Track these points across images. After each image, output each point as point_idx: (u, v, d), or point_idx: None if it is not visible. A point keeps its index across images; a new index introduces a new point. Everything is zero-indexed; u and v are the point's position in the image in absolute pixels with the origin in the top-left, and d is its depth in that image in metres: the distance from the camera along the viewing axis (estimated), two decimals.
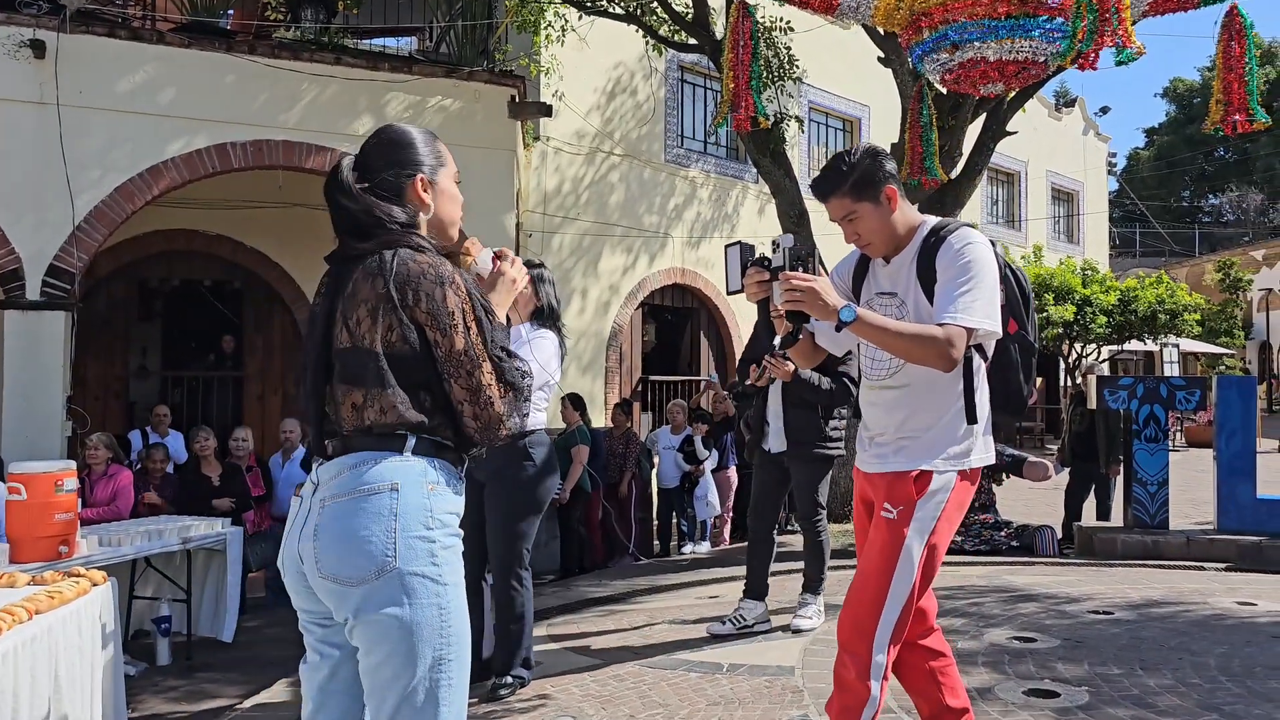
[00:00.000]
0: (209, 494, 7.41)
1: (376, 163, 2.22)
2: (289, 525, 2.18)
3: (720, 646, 4.92)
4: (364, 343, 2.08)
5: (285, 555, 2.16)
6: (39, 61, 8.04)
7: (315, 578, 2.07)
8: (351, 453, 2.10)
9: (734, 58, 6.66)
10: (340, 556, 2.03)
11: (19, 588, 4.06)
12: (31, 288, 7.99)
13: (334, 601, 2.06)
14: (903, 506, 2.68)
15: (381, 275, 2.09)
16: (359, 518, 2.04)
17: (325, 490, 2.10)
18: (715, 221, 13.81)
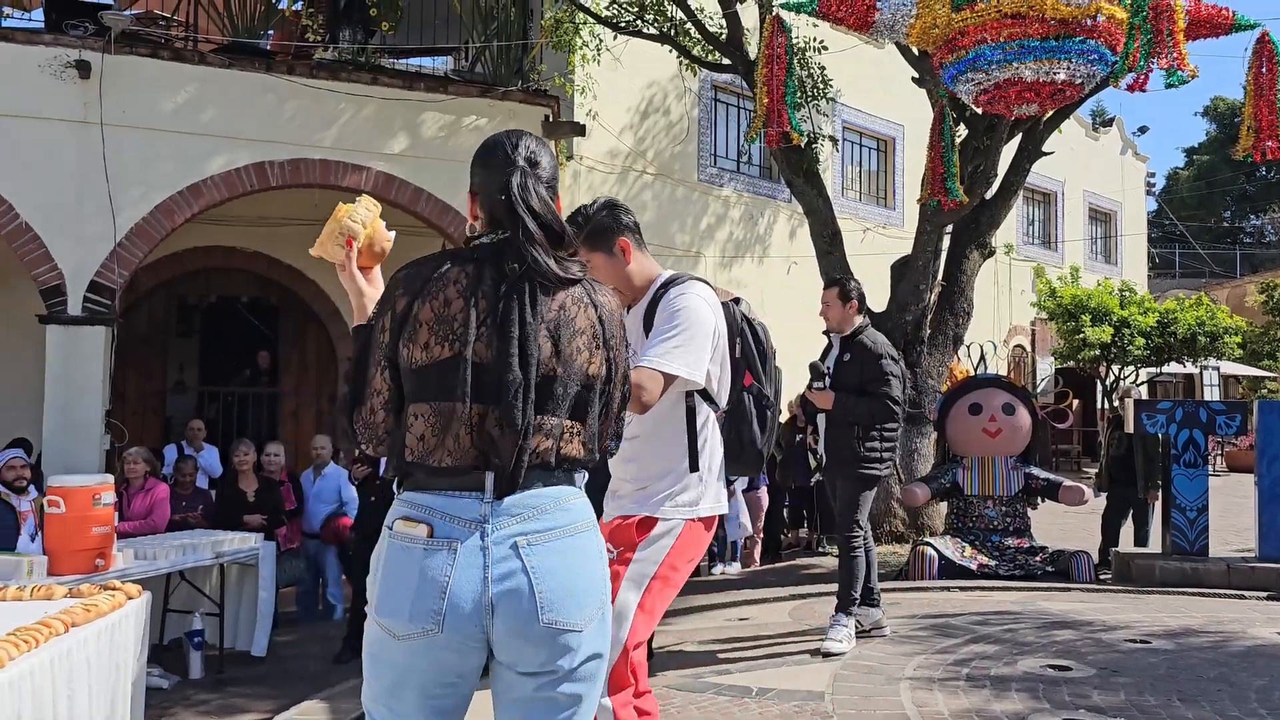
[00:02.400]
0: (244, 508, 7.48)
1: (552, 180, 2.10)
2: (443, 579, 1.86)
3: (750, 670, 4.88)
4: (579, 371, 1.98)
5: (450, 611, 1.86)
6: (84, 82, 8.20)
7: (529, 625, 1.88)
8: (549, 486, 1.96)
9: (768, 72, 6.66)
10: (571, 599, 1.91)
11: (56, 600, 4.11)
12: (73, 303, 8.12)
13: (544, 651, 1.91)
14: (623, 548, 2.67)
15: (593, 305, 2.02)
16: (577, 556, 1.94)
17: (526, 526, 1.91)
18: (747, 241, 13.81)
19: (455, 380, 1.88)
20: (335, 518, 7.92)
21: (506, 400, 1.88)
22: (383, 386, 1.98)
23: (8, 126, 8.05)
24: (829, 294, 5.45)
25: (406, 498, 1.95)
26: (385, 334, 1.97)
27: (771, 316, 14.06)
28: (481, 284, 1.93)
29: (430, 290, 1.93)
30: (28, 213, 8.06)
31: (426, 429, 1.91)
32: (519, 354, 1.89)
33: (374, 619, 1.93)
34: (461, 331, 1.90)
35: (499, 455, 1.89)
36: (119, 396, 9.56)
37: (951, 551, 7.76)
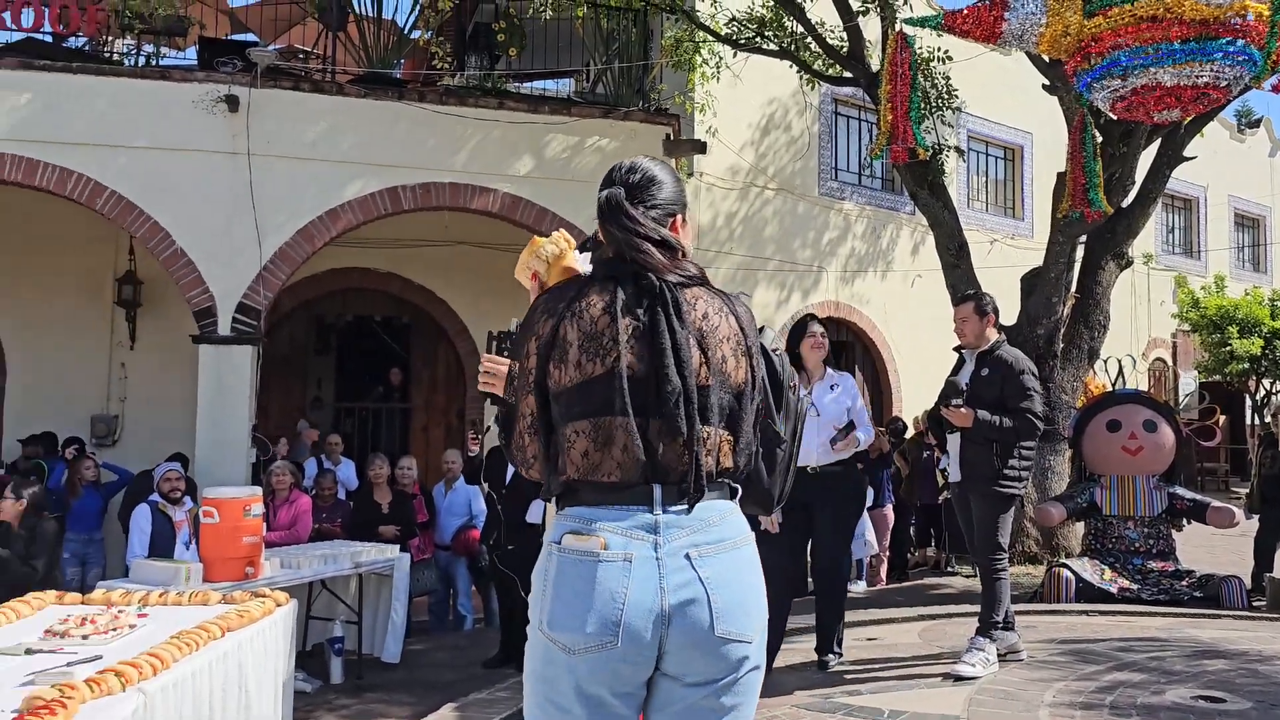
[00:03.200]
0: (378, 520, 7.76)
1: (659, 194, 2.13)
2: (620, 591, 1.86)
3: (880, 692, 4.80)
4: (729, 380, 1.99)
5: (627, 622, 1.86)
6: (233, 115, 8.69)
7: (705, 636, 1.89)
8: (709, 498, 1.96)
9: (892, 89, 6.60)
10: (742, 610, 1.92)
11: (211, 605, 4.35)
12: (223, 324, 8.60)
13: (716, 662, 1.91)
14: None
15: (733, 314, 2.03)
16: (745, 568, 1.95)
17: (696, 538, 1.92)
18: (870, 255, 13.61)
19: (611, 395, 1.90)
20: (465, 530, 8.14)
21: (667, 409, 1.89)
22: (527, 410, 2.01)
23: (165, 159, 8.60)
24: (964, 309, 5.31)
25: (572, 513, 1.95)
26: (531, 359, 2.00)
27: (895, 331, 13.78)
28: (623, 299, 1.95)
29: (574, 311, 1.97)
30: (183, 240, 8.58)
31: (589, 445, 1.93)
32: (674, 362, 1.90)
33: (544, 634, 1.92)
34: (611, 346, 1.91)
35: (665, 466, 1.91)
36: (263, 412, 10.04)
37: (1090, 574, 7.47)
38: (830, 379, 5.37)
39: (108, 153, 8.51)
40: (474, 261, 10.58)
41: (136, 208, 8.52)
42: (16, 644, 3.51)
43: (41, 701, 2.66)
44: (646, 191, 2.08)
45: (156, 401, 10.22)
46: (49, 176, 8.39)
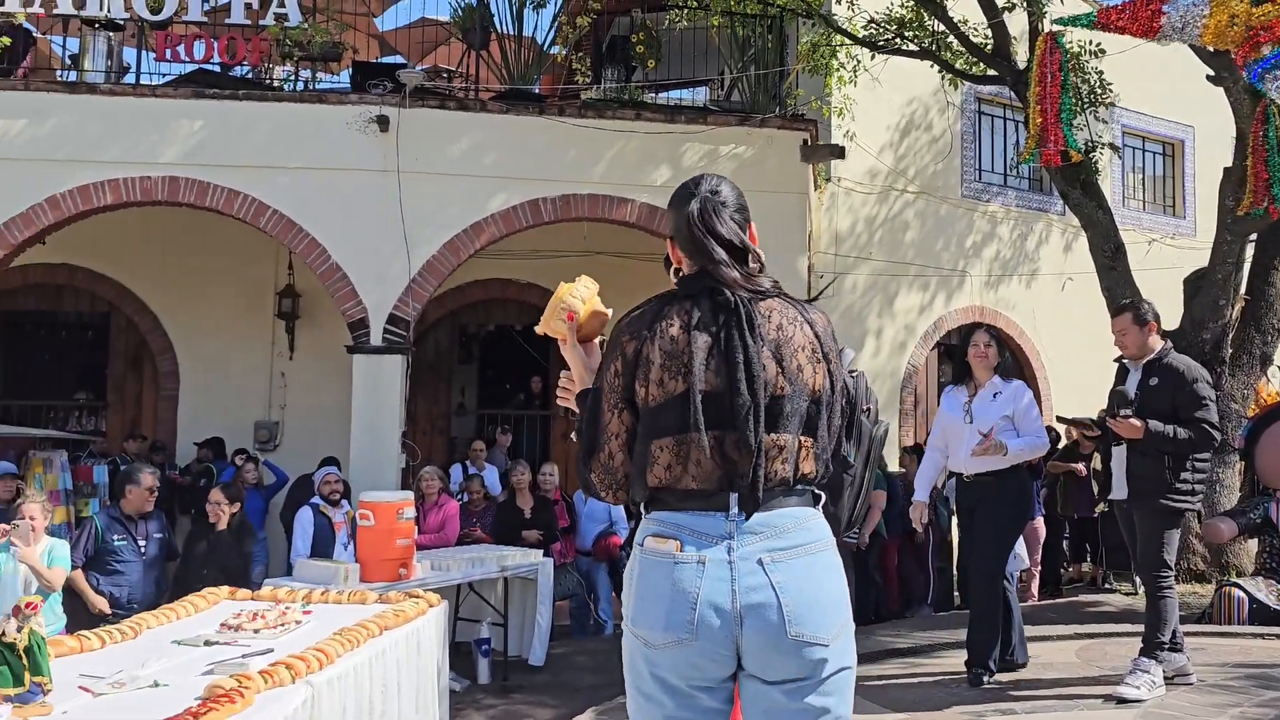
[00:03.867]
0: (521, 525, 7.93)
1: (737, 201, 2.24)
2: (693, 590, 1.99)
3: (1036, 711, 4.63)
4: (805, 388, 2.09)
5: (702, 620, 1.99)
6: (383, 134, 9.06)
7: (778, 638, 1.99)
8: (786, 505, 2.07)
9: (1041, 91, 6.40)
10: (816, 612, 2.01)
11: (368, 604, 4.54)
12: (375, 334, 8.98)
13: (793, 663, 2.00)
14: None
15: (808, 323, 2.14)
16: (820, 572, 2.05)
17: (769, 544, 2.02)
18: (1017, 258, 13.14)
19: (688, 412, 2.03)
20: (606, 536, 8.24)
21: (739, 423, 2.01)
22: (619, 428, 2.12)
23: (321, 179, 9.04)
24: (1122, 320, 5.07)
25: (656, 516, 2.09)
26: (619, 378, 2.12)
27: (1044, 337, 13.27)
28: (699, 317, 2.07)
29: (656, 331, 2.08)
30: (338, 254, 8.99)
31: (671, 459, 2.06)
32: (745, 378, 2.02)
33: (630, 630, 2.08)
34: (689, 364, 2.04)
35: (740, 476, 2.02)
36: (411, 419, 10.42)
37: (1264, 594, 7.01)
38: (994, 387, 5.28)
39: (270, 173, 9.00)
40: (613, 271, 10.65)
41: (296, 225, 8.98)
42: (196, 636, 3.75)
43: (221, 690, 2.83)
44: (724, 205, 2.19)
45: (313, 408, 10.74)
46: (218, 197, 8.93)
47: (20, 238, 8.76)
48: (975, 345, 5.37)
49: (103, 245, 10.44)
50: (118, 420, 11.22)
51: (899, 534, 9.05)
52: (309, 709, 3.11)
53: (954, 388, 5.50)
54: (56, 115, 8.87)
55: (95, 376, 11.61)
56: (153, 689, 3.04)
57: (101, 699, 2.94)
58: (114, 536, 6.22)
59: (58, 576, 5.38)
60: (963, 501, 5.40)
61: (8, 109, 8.83)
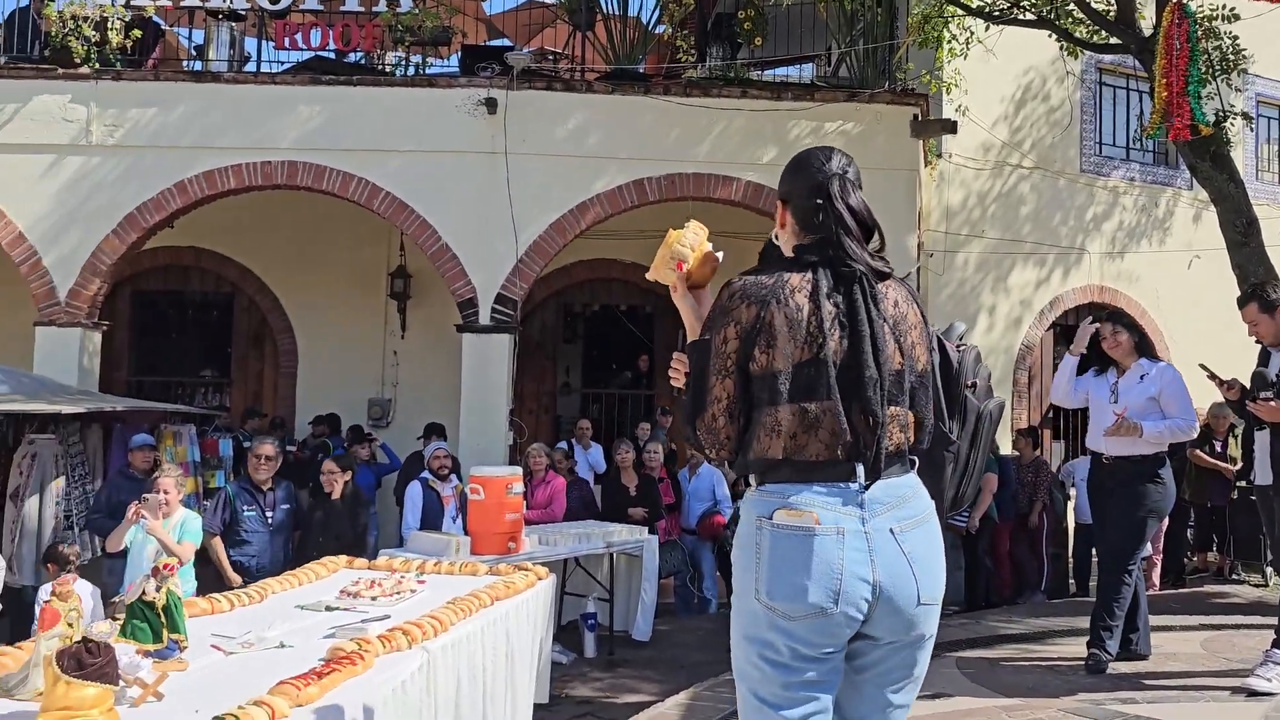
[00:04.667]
0: (627, 502, 8.00)
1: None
2: (835, 561, 2.03)
3: (1159, 702, 4.46)
4: (916, 365, 2.17)
5: (844, 590, 2.03)
6: (491, 117, 9.20)
7: (910, 604, 2.07)
8: (899, 474, 2.14)
9: (1167, 63, 6.12)
10: (937, 578, 2.13)
11: (479, 576, 4.65)
12: (483, 314, 9.15)
13: (917, 625, 2.11)
14: None
15: (917, 304, 2.23)
16: (935, 539, 2.15)
17: (895, 514, 2.08)
18: (1140, 232, 12.59)
19: (819, 380, 2.04)
20: (710, 515, 8.25)
21: (866, 394, 2.05)
22: (723, 394, 2.11)
23: (432, 161, 9.23)
24: (1249, 311, 4.86)
25: (777, 489, 2.09)
26: (732, 343, 2.10)
27: (1168, 316, 12.71)
28: (825, 286, 2.10)
29: (779, 298, 2.08)
30: (447, 235, 9.18)
31: (796, 428, 2.06)
32: (871, 350, 2.06)
33: (762, 604, 2.08)
34: (817, 334, 2.06)
35: (865, 447, 2.06)
36: (518, 397, 10.58)
37: None
38: (1141, 369, 5.17)
39: (383, 157, 9.23)
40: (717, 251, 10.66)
41: (407, 207, 9.20)
42: (317, 601, 3.90)
43: (343, 653, 2.94)
44: (856, 184, 2.22)
45: (424, 386, 11.02)
46: (334, 181, 9.21)
47: (151, 221, 9.20)
48: (1104, 337, 5.27)
49: (227, 228, 10.88)
50: (240, 396, 11.71)
51: (1011, 518, 8.82)
52: (425, 674, 3.21)
53: (1101, 373, 5.34)
54: (183, 104, 9.26)
55: (219, 354, 12.13)
56: (278, 649, 3.17)
57: (232, 657, 3.09)
58: (243, 506, 6.49)
59: (186, 550, 5.53)
60: (1100, 483, 5.23)
61: (139, 98, 9.26)
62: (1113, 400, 5.11)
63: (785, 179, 2.27)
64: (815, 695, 2.09)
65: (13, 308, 9.90)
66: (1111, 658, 5.04)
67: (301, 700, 2.58)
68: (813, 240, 2.18)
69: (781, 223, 2.27)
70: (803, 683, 2.08)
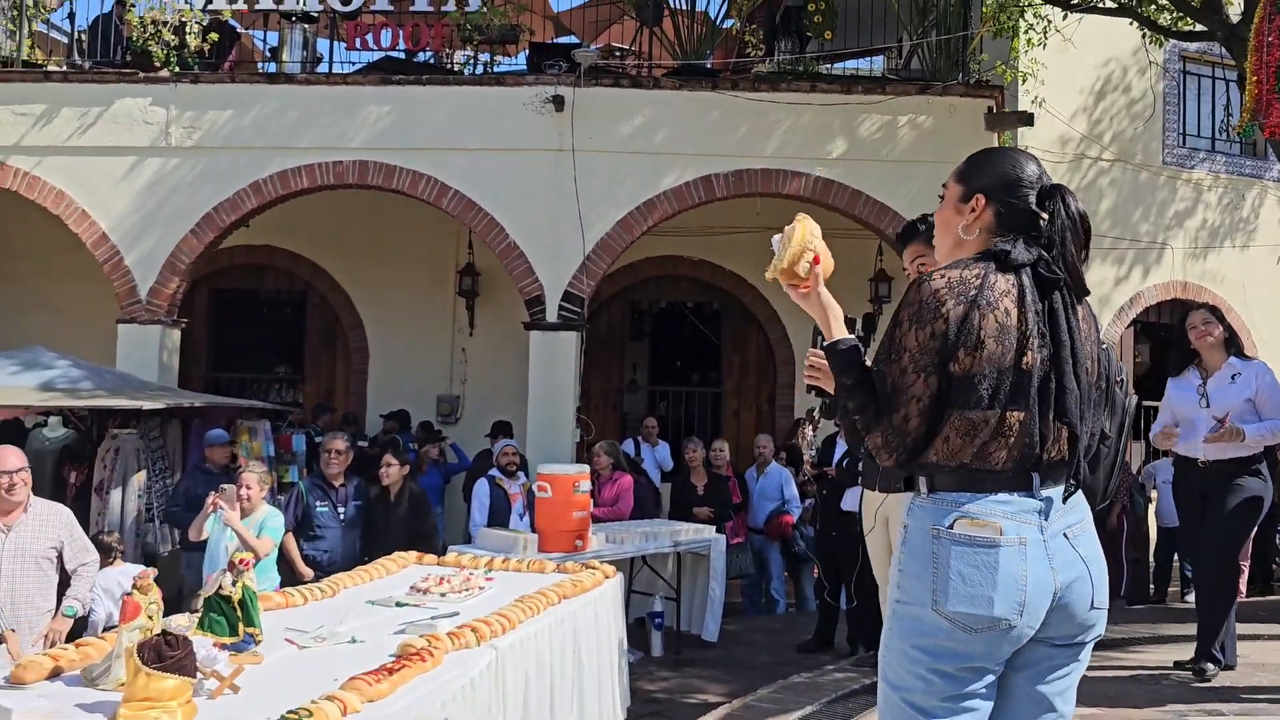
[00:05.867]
0: (694, 501, 7.95)
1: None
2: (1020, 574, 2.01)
3: (1248, 714, 4.29)
4: (1094, 379, 2.18)
5: (1030, 602, 2.02)
6: (558, 114, 9.21)
7: (1085, 609, 2.09)
8: (1062, 482, 2.14)
9: (1257, 60, 5.90)
10: (1105, 583, 2.14)
11: (547, 574, 4.65)
12: (550, 311, 9.17)
13: (1088, 631, 2.12)
14: None
15: (1094, 319, 2.25)
16: (1098, 545, 2.16)
17: (1067, 519, 2.10)
18: (1226, 228, 12.16)
19: (1020, 389, 2.02)
20: (778, 515, 8.16)
21: (1067, 407, 2.04)
22: (924, 392, 2.04)
23: (499, 159, 9.28)
24: None
25: (951, 497, 2.05)
26: (936, 340, 2.03)
27: (1256, 313, 12.25)
28: (1028, 293, 2.06)
29: (986, 300, 2.03)
30: (515, 233, 9.22)
31: (989, 434, 2.02)
32: (1072, 361, 2.05)
33: (941, 614, 2.02)
34: (1023, 341, 2.03)
35: (1055, 458, 2.06)
36: (585, 394, 10.59)
37: None
38: (1232, 369, 4.91)
39: (451, 155, 9.30)
40: None
41: (476, 205, 9.26)
42: (388, 597, 3.93)
43: (414, 649, 2.95)
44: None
45: (492, 383, 11.09)
46: (404, 179, 9.31)
47: (228, 221, 9.40)
48: (1194, 326, 5.00)
49: (300, 227, 11.07)
50: (313, 392, 11.92)
51: None
52: (494, 671, 3.21)
53: (1179, 376, 5.10)
54: (258, 105, 9.44)
55: (293, 351, 12.37)
56: (350, 644, 3.20)
57: (305, 651, 3.12)
58: (316, 502, 6.58)
59: (264, 545, 5.57)
60: (1194, 488, 5.00)
61: (216, 100, 9.46)
62: (1204, 403, 4.88)
63: (986, 172, 2.20)
64: (974, 707, 2.09)
65: (97, 305, 10.20)
66: (1222, 665, 4.88)
67: (373, 696, 2.59)
68: (1017, 241, 2.12)
69: (977, 215, 2.17)
70: (966, 694, 2.07)
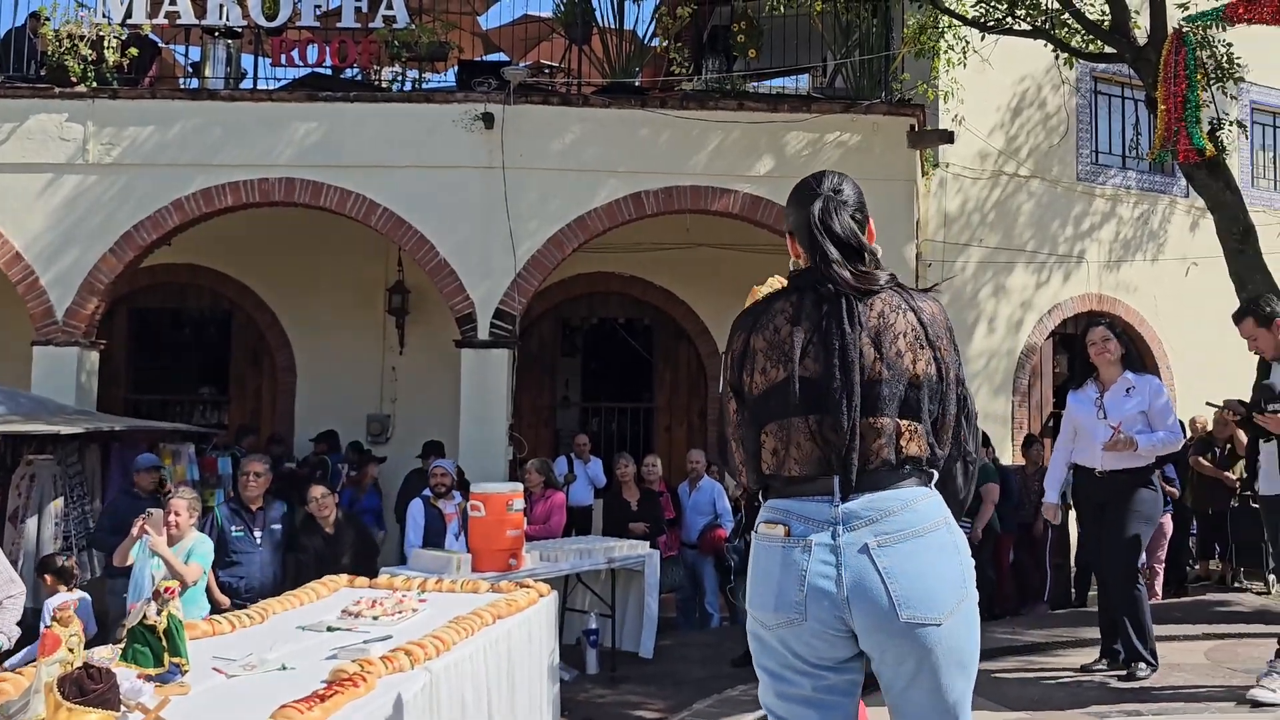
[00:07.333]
0: (628, 517, 7.97)
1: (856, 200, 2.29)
2: (800, 573, 2.07)
3: (1164, 714, 4.44)
4: (903, 374, 2.14)
5: (810, 602, 2.07)
6: (488, 131, 9.20)
7: (889, 621, 2.04)
8: (897, 487, 2.11)
9: (1166, 91, 6.23)
10: (926, 594, 2.05)
11: (481, 594, 4.62)
12: (482, 329, 9.14)
13: (906, 644, 2.05)
14: None
15: (912, 310, 2.19)
16: (930, 554, 2.09)
17: (876, 528, 2.07)
18: (1137, 242, 12.60)
19: (789, 396, 2.12)
20: (711, 529, 8.22)
21: (833, 405, 2.09)
22: (733, 418, 2.26)
23: (429, 177, 9.24)
24: (1246, 326, 4.86)
25: (768, 504, 2.21)
26: (730, 370, 2.26)
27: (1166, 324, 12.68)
28: (804, 308, 2.17)
29: (762, 323, 2.20)
30: (445, 250, 9.18)
31: (776, 444, 2.16)
32: (840, 364, 2.10)
33: (750, 613, 2.20)
34: (790, 352, 2.14)
35: (839, 458, 2.09)
36: (517, 411, 10.56)
37: None
38: (1126, 382, 5.16)
39: (380, 173, 9.23)
40: (713, 263, 10.68)
41: (405, 222, 9.19)
42: (319, 622, 3.87)
43: (345, 674, 2.91)
44: (845, 204, 2.26)
45: (423, 402, 10.99)
46: (331, 197, 9.21)
47: (149, 239, 9.19)
48: (1093, 343, 5.26)
49: (224, 245, 10.87)
50: (239, 414, 11.68)
51: (1014, 529, 8.80)
52: (428, 694, 3.18)
53: (1079, 389, 5.35)
54: (180, 121, 9.27)
55: (218, 372, 12.11)
56: (281, 671, 3.15)
57: (234, 680, 3.06)
58: (231, 527, 6.43)
59: (193, 572, 5.45)
60: (1091, 496, 5.24)
61: (136, 117, 9.26)
62: (1101, 415, 5.12)
63: (788, 210, 2.33)
64: (806, 706, 2.14)
65: (10, 327, 9.88)
66: (1155, 665, 5.07)
67: None
68: (809, 266, 2.25)
69: (794, 253, 2.34)
70: (794, 695, 2.14)
